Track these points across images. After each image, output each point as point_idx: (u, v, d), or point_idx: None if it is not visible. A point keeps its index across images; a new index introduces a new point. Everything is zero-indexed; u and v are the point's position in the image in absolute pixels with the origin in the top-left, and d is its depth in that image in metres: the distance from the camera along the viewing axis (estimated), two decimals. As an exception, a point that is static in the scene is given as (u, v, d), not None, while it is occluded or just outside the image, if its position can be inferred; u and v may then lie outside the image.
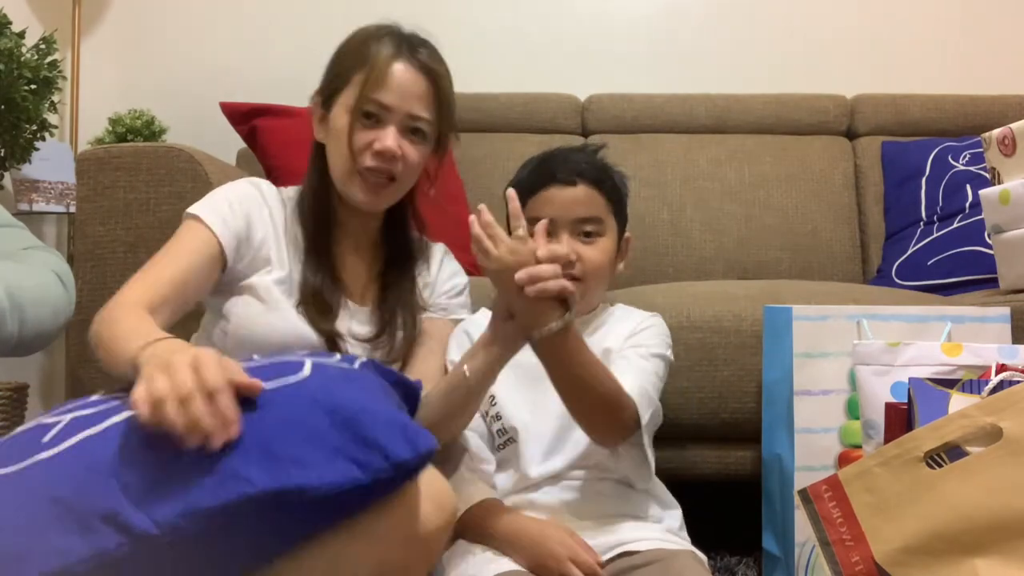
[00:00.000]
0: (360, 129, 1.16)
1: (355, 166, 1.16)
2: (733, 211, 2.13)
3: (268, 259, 1.18)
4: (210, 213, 1.13)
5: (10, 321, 1.32)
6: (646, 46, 2.44)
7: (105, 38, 2.44)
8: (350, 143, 1.15)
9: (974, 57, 2.41)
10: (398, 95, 1.15)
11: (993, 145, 1.45)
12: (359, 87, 1.15)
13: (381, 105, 1.15)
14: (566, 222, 1.18)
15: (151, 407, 0.71)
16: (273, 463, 0.71)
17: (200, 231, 1.12)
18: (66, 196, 2.22)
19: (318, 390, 0.79)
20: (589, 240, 1.19)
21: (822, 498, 0.89)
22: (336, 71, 1.19)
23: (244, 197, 1.18)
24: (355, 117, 1.15)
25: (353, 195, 1.18)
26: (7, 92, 1.94)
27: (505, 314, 1.04)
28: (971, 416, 0.85)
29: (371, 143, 1.15)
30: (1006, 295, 1.41)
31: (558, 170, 1.20)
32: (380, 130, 1.16)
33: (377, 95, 1.15)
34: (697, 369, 1.39)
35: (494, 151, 2.17)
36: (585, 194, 1.19)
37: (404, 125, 1.17)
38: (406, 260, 1.27)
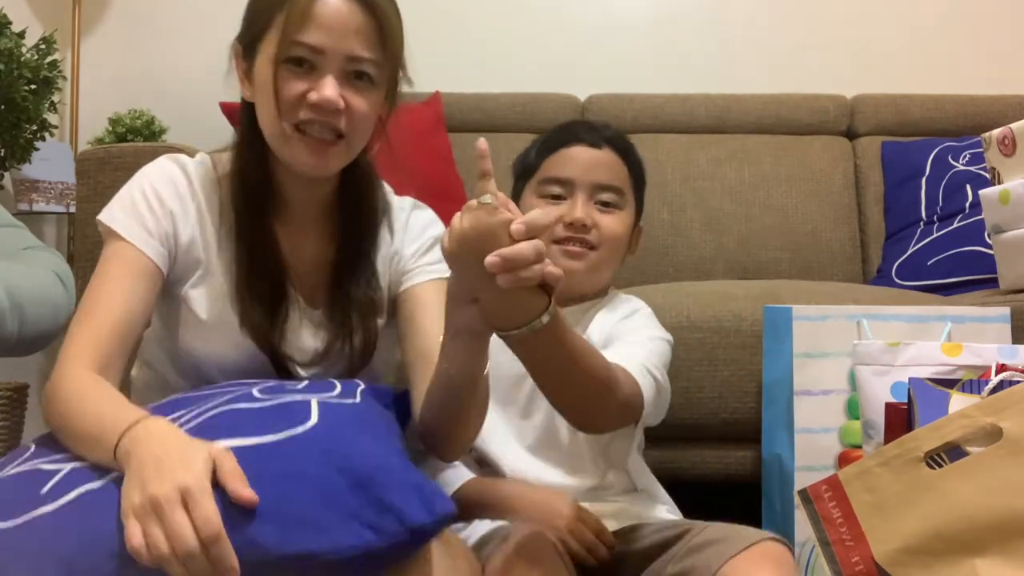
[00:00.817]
0: (289, 79, 0.95)
1: (288, 124, 0.96)
2: (733, 211, 2.13)
3: (199, 262, 1.01)
4: (130, 226, 0.97)
5: (10, 321, 1.32)
6: (646, 46, 2.43)
7: (105, 38, 2.44)
8: (277, 98, 0.95)
9: (974, 57, 2.41)
10: (331, 34, 0.93)
11: (993, 145, 1.45)
12: (281, 29, 0.94)
13: (311, 48, 0.94)
14: (585, 184, 1.10)
15: (151, 561, 0.67)
16: (287, 527, 0.70)
17: (126, 253, 0.96)
18: (66, 196, 2.22)
19: (329, 442, 0.76)
20: (607, 210, 1.12)
21: (822, 498, 0.89)
22: (255, 12, 0.99)
23: (166, 192, 1.00)
24: (280, 65, 0.95)
25: (294, 159, 0.98)
26: (7, 92, 1.94)
27: (467, 298, 0.81)
28: (971, 416, 0.85)
29: (305, 94, 0.94)
30: (1006, 295, 1.41)
31: (584, 130, 1.13)
32: (315, 79, 0.95)
33: (303, 36, 0.93)
34: (697, 369, 1.39)
35: (494, 151, 2.11)
36: (609, 159, 1.12)
37: (344, 70, 0.95)
38: (365, 242, 1.06)
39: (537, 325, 0.79)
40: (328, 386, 0.89)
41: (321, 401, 0.82)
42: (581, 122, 1.20)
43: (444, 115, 2.17)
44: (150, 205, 0.98)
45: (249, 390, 0.87)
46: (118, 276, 0.95)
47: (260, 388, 0.87)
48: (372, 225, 1.07)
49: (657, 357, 1.09)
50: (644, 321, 1.18)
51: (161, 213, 0.99)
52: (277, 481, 0.72)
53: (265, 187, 1.02)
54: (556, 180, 1.10)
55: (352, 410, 0.84)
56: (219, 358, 1.02)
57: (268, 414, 0.80)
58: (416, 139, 2.03)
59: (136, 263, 0.96)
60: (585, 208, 1.10)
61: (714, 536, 0.92)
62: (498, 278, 0.74)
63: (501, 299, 0.77)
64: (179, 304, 1.02)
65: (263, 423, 0.78)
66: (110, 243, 0.98)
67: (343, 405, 0.84)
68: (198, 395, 0.90)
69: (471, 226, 0.75)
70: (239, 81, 1.02)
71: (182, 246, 1.00)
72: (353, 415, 0.83)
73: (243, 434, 0.76)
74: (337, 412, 0.81)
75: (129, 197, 0.99)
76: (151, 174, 1.02)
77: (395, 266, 1.08)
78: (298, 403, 0.82)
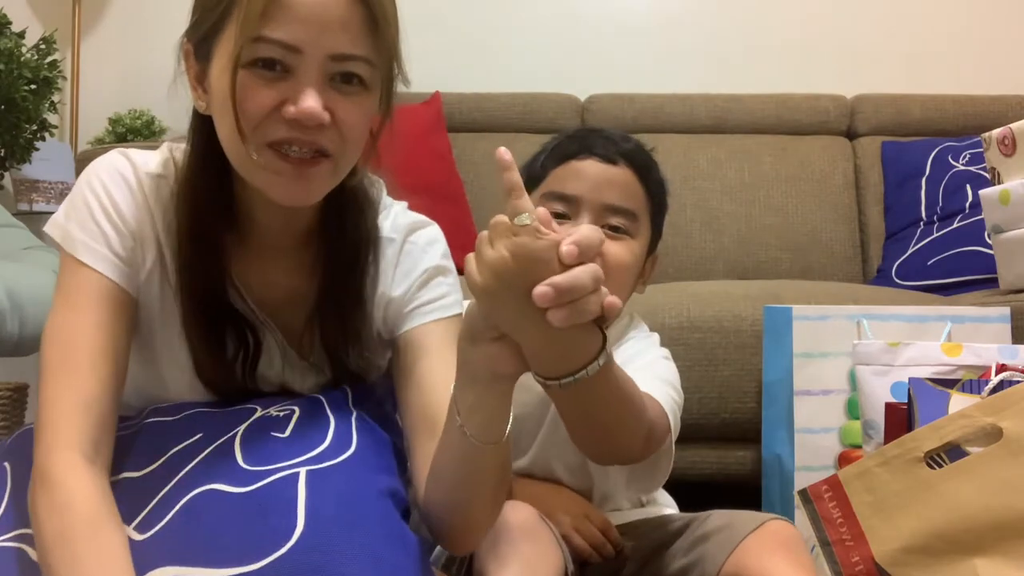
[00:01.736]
0: (255, 88, 0.73)
1: (256, 145, 0.74)
2: (733, 211, 2.13)
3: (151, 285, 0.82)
4: (96, 252, 0.79)
5: (10, 321, 1.32)
6: (646, 46, 2.43)
7: (105, 38, 2.44)
8: (238, 114, 0.73)
9: (974, 57, 2.41)
10: (308, 26, 0.72)
11: (993, 145, 1.45)
12: (241, 23, 0.71)
13: (283, 46, 0.72)
14: (594, 204, 0.94)
15: None
16: None
17: (97, 286, 0.78)
18: (66, 196, 2.22)
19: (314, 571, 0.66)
20: (616, 236, 0.95)
21: (822, 498, 0.89)
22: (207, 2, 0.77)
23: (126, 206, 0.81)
24: (242, 71, 0.72)
25: (269, 189, 0.76)
26: (7, 92, 1.94)
27: (490, 336, 0.67)
28: (971, 416, 0.85)
29: (278, 107, 0.73)
30: (1006, 295, 1.41)
31: (599, 142, 0.97)
32: (291, 86, 0.73)
33: (271, 31, 0.71)
34: (697, 369, 1.39)
35: (494, 151, 2.16)
36: (625, 178, 0.96)
37: (328, 72, 0.74)
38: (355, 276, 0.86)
39: (593, 369, 0.66)
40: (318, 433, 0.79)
41: (310, 472, 0.73)
42: (597, 130, 0.98)
43: (444, 115, 2.17)
44: (112, 221, 0.80)
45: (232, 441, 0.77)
46: (93, 315, 0.77)
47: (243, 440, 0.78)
48: (361, 257, 0.86)
49: (674, 376, 1.01)
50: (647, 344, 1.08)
51: (125, 232, 0.80)
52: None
53: (224, 213, 0.82)
54: (561, 196, 0.95)
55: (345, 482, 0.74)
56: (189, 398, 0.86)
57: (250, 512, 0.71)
58: (416, 139, 2.03)
59: (109, 297, 0.78)
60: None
61: (719, 524, 0.91)
62: (549, 314, 0.60)
63: (550, 340, 0.63)
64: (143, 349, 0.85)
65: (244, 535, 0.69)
66: (70, 270, 0.79)
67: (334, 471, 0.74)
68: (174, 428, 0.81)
69: (511, 253, 0.61)
70: (191, 88, 0.81)
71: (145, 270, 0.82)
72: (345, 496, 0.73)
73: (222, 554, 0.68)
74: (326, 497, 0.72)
75: (87, 211, 0.80)
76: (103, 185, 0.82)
77: (386, 312, 0.88)
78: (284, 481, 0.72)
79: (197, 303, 0.81)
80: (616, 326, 1.07)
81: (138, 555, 0.70)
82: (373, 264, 0.87)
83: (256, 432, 0.79)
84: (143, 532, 0.73)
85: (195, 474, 0.75)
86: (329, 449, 0.76)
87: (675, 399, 0.96)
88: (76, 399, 0.73)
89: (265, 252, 0.84)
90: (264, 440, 0.78)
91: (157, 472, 0.77)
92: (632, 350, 1.04)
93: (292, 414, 0.81)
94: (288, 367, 0.87)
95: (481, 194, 2.12)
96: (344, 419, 0.81)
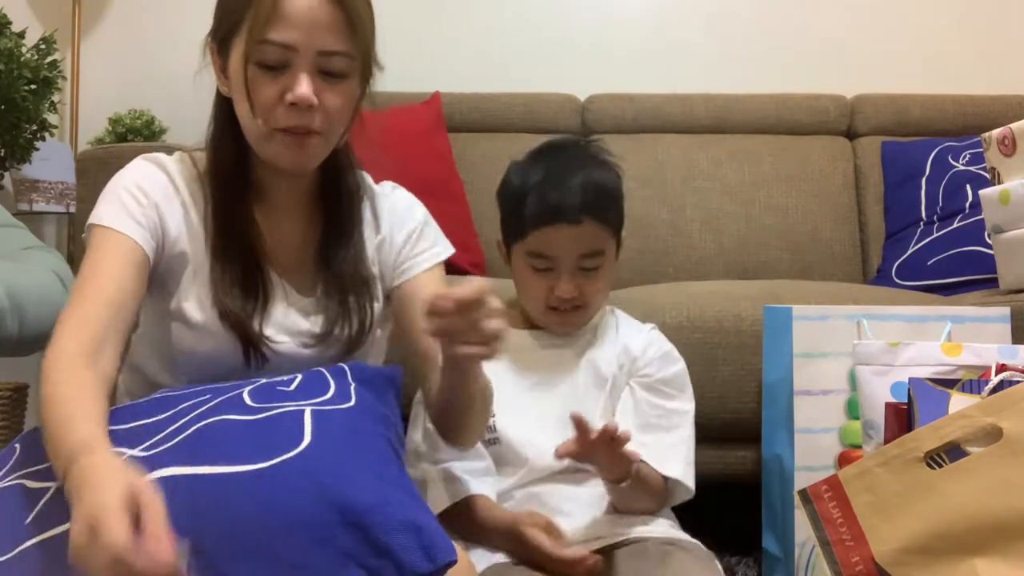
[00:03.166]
0: (263, 81, 0.94)
1: (268, 126, 0.95)
2: (733, 211, 2.13)
3: (187, 259, 1.00)
4: (119, 217, 0.96)
5: (10, 321, 1.32)
6: (646, 46, 2.43)
7: (105, 38, 2.44)
8: (252, 101, 0.95)
9: (974, 57, 2.41)
10: (300, 29, 0.92)
11: (993, 145, 1.45)
12: (249, 28, 0.93)
13: (282, 46, 0.93)
14: (569, 259, 1.15)
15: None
16: (279, 570, 0.66)
17: (116, 240, 0.94)
18: (66, 196, 2.22)
19: (323, 472, 0.71)
20: (590, 273, 1.17)
21: (822, 498, 0.89)
22: (225, 10, 0.97)
23: (149, 187, 0.99)
24: (252, 66, 0.94)
25: (276, 158, 0.98)
26: (7, 92, 1.94)
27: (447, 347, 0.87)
28: (971, 416, 0.85)
29: (282, 95, 0.94)
30: (1006, 295, 1.41)
31: (565, 204, 1.13)
32: (289, 77, 0.94)
33: (273, 34, 0.92)
34: (697, 369, 1.38)
35: (494, 151, 2.17)
36: (590, 231, 1.15)
37: (317, 66, 0.94)
38: (349, 223, 1.07)
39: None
40: (321, 387, 0.86)
41: (315, 411, 0.79)
42: (551, 181, 1.14)
43: (444, 115, 2.17)
44: (136, 198, 0.97)
45: (240, 392, 0.84)
46: (106, 260, 0.93)
47: (251, 390, 0.85)
48: (353, 205, 1.07)
49: (692, 435, 1.19)
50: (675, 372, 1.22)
51: (147, 204, 0.98)
52: (266, 518, 0.68)
53: (243, 178, 1.02)
54: (542, 256, 1.16)
55: (348, 421, 0.80)
56: (212, 357, 1.00)
57: (259, 430, 0.76)
58: (416, 139, 2.03)
59: (127, 251, 0.94)
60: (570, 283, 1.15)
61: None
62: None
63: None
64: (170, 303, 1.00)
65: (253, 444, 0.73)
66: (95, 234, 0.96)
67: (338, 412, 0.81)
68: (184, 393, 0.88)
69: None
70: (216, 76, 1.01)
71: (170, 240, 0.99)
72: (349, 429, 0.79)
73: (231, 459, 0.72)
74: (332, 426, 0.78)
75: (115, 195, 0.98)
76: (131, 174, 1.00)
77: (385, 254, 1.09)
78: (291, 415, 0.78)
79: (224, 243, 0.99)
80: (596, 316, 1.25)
81: (143, 464, 0.72)
82: (372, 213, 1.09)
83: (262, 386, 0.87)
84: (151, 451, 0.76)
85: (204, 413, 0.80)
86: (332, 399, 0.84)
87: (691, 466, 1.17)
88: (77, 316, 0.88)
89: (276, 212, 1.04)
90: (270, 390, 0.85)
91: (165, 419, 0.82)
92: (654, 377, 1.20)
93: (295, 379, 0.90)
94: (293, 308, 1.03)
95: (481, 194, 2.11)
96: (343, 384, 0.88)
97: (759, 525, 1.36)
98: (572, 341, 1.22)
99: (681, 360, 1.23)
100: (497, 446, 1.15)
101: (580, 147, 1.24)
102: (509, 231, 1.21)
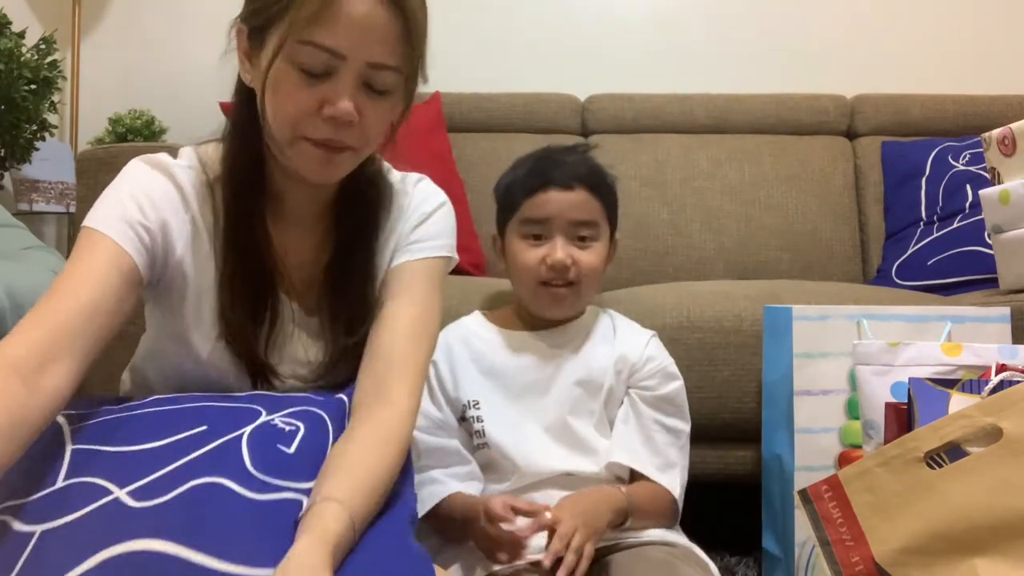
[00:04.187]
0: (303, 86, 0.83)
1: (296, 133, 0.86)
2: (733, 211, 2.13)
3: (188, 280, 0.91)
4: (116, 223, 0.85)
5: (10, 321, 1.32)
6: (646, 46, 2.44)
7: (105, 38, 2.44)
8: (287, 106, 0.84)
9: (974, 57, 2.41)
10: (352, 35, 0.81)
11: (993, 145, 1.45)
12: (295, 23, 0.81)
13: (330, 51, 0.81)
14: (562, 224, 1.17)
15: None
16: None
17: (105, 245, 0.84)
18: (66, 196, 2.23)
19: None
20: (584, 244, 1.18)
21: (822, 498, 0.89)
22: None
23: (162, 202, 0.89)
24: (293, 67, 0.83)
25: (301, 167, 0.89)
26: (7, 92, 1.94)
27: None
28: (971, 416, 0.85)
29: (320, 105, 0.84)
30: (1006, 295, 1.41)
31: (555, 173, 1.18)
32: (330, 87, 0.83)
33: (321, 36, 0.81)
34: (697, 369, 1.39)
35: (494, 151, 2.17)
36: (582, 198, 1.18)
37: (363, 77, 0.84)
38: (366, 237, 0.97)
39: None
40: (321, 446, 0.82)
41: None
42: (548, 158, 1.21)
43: (444, 115, 2.17)
44: (142, 209, 0.87)
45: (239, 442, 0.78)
46: (90, 265, 0.82)
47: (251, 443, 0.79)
48: (372, 217, 0.98)
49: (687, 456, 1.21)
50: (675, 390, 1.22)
51: (154, 220, 0.87)
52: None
53: (259, 185, 0.93)
54: (535, 220, 1.17)
55: None
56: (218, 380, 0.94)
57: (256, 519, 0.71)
58: (416, 139, 2.03)
59: (112, 255, 0.83)
60: (564, 248, 1.16)
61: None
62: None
63: None
64: (173, 326, 0.93)
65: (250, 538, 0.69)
66: (84, 236, 0.86)
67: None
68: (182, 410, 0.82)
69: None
70: (240, 63, 0.90)
71: (174, 260, 0.90)
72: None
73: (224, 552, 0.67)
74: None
75: (116, 200, 0.88)
76: (141, 182, 0.89)
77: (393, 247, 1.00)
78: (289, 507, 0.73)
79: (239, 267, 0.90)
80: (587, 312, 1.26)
81: (132, 522, 0.68)
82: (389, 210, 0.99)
83: (261, 439, 0.80)
84: (139, 500, 0.70)
85: (201, 463, 0.75)
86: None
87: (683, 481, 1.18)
88: (35, 319, 0.77)
89: (289, 223, 0.95)
90: (271, 450, 0.79)
91: (158, 451, 0.76)
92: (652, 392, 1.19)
93: (297, 431, 0.83)
94: (297, 328, 0.96)
95: (481, 194, 2.11)
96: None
97: (759, 525, 1.36)
98: (565, 342, 1.21)
99: (680, 377, 1.23)
100: (486, 451, 1.15)
101: (578, 147, 1.27)
102: (503, 213, 1.23)
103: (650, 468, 1.13)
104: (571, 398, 1.17)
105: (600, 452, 1.15)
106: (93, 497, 0.70)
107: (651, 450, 1.15)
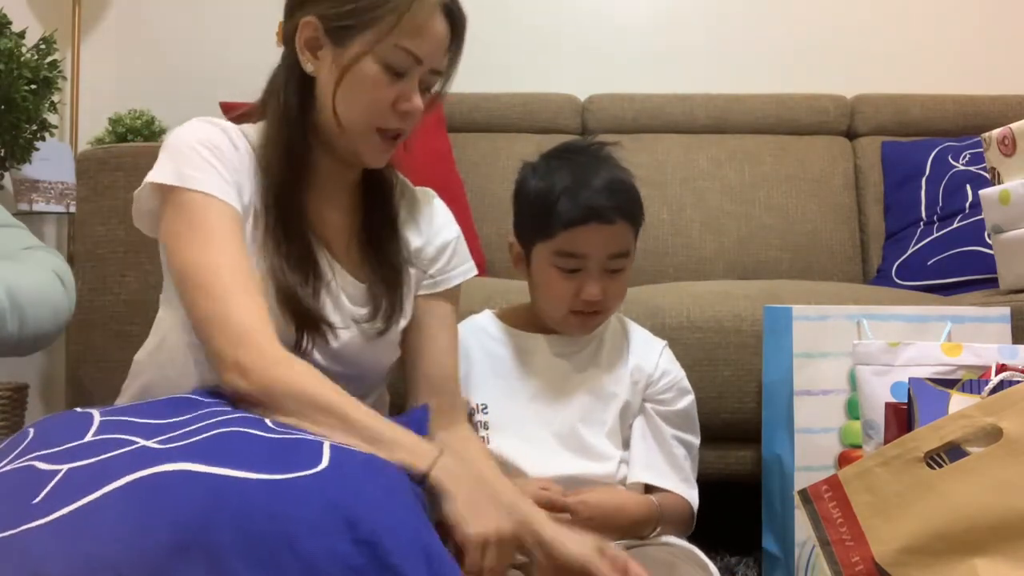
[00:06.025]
0: (384, 82, 0.97)
1: (372, 124, 0.99)
2: (733, 211, 2.13)
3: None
4: (213, 181, 0.94)
5: (10, 321, 1.32)
6: (646, 46, 2.44)
7: (105, 38, 2.44)
8: (372, 99, 0.97)
9: (974, 57, 2.41)
10: (430, 46, 0.98)
11: (993, 145, 1.45)
12: (392, 31, 0.95)
13: (415, 58, 0.97)
14: (600, 259, 1.14)
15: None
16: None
17: (225, 215, 0.94)
18: (66, 196, 2.22)
19: (336, 490, 0.71)
20: (616, 275, 1.16)
21: (822, 498, 0.89)
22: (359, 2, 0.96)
23: (229, 153, 0.98)
24: (381, 66, 0.96)
25: (364, 154, 1.02)
26: (7, 92, 1.94)
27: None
28: (971, 416, 0.85)
29: (396, 101, 0.98)
30: (1006, 295, 1.41)
31: (599, 205, 1.12)
32: (405, 84, 0.98)
33: (411, 44, 0.96)
34: (697, 369, 1.39)
35: (494, 151, 2.17)
36: (622, 231, 1.14)
37: (423, 80, 1.00)
38: (390, 214, 1.09)
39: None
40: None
41: (334, 444, 0.78)
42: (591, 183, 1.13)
43: (444, 115, 2.17)
44: (221, 159, 0.96)
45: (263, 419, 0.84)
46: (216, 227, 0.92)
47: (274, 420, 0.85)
48: (392, 198, 1.10)
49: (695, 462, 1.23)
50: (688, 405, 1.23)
51: (230, 169, 0.96)
52: (275, 526, 0.67)
53: (303, 160, 1.02)
54: (572, 255, 1.13)
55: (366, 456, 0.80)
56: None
57: (276, 447, 0.75)
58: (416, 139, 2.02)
59: (230, 216, 0.94)
60: (599, 284, 1.14)
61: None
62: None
63: None
64: None
65: (270, 457, 0.73)
66: (199, 202, 0.93)
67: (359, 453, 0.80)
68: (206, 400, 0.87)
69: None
70: (300, 51, 0.99)
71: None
72: (366, 460, 0.79)
73: (246, 465, 0.71)
74: (349, 455, 0.78)
75: (188, 155, 0.94)
76: (201, 135, 0.97)
77: (419, 260, 1.10)
78: (309, 443, 0.78)
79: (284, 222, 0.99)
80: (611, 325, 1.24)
81: (158, 455, 0.72)
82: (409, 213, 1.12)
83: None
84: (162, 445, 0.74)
85: (223, 422, 0.80)
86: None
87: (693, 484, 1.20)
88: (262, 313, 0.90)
89: (323, 194, 1.05)
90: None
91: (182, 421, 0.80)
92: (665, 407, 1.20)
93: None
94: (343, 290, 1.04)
95: (481, 194, 2.12)
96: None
97: (759, 525, 1.36)
98: (579, 349, 1.20)
99: (691, 392, 1.23)
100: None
101: (596, 149, 1.21)
102: (534, 232, 1.16)
103: (675, 482, 1.16)
104: (583, 406, 1.17)
105: (610, 459, 1.15)
106: (120, 446, 0.74)
107: (672, 465, 1.17)
